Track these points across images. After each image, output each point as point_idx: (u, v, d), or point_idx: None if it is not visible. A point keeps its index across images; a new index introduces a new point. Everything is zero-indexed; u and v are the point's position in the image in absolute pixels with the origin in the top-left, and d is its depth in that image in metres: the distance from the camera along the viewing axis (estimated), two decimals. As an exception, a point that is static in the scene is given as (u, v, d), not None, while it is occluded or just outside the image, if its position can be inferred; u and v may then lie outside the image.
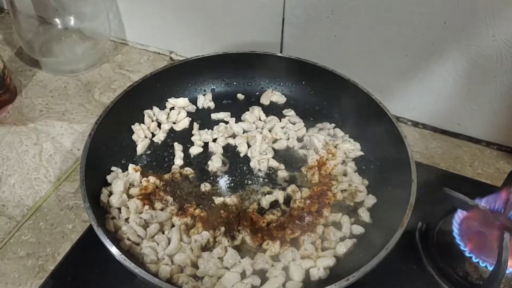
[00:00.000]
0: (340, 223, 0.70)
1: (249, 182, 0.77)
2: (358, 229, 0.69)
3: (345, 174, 0.77)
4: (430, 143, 0.92)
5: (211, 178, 0.78)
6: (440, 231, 0.72)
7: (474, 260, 0.65)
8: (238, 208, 0.72)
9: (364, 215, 0.71)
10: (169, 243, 0.65)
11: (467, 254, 0.65)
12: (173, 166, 0.78)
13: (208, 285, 0.61)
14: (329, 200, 0.72)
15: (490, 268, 0.63)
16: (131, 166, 0.76)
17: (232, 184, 0.77)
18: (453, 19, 0.78)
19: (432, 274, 0.69)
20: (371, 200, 0.73)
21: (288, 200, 0.74)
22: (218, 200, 0.73)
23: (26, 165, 0.86)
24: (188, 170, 0.78)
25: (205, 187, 0.75)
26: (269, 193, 0.75)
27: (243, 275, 0.63)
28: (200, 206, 0.72)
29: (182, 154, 0.80)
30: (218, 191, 0.76)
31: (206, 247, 0.67)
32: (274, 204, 0.74)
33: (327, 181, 0.76)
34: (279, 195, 0.74)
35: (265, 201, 0.73)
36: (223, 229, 0.68)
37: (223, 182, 0.77)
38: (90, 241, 0.61)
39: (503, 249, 0.60)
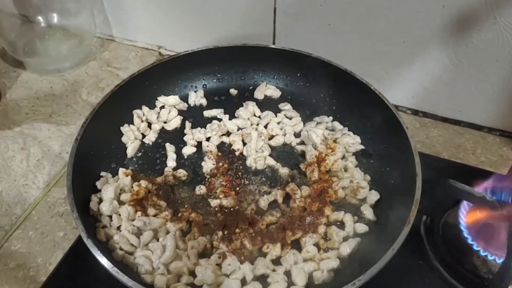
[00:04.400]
0: (343, 222, 0.68)
1: (246, 182, 0.75)
2: (362, 228, 0.67)
3: (345, 170, 0.75)
4: (431, 132, 0.91)
5: (206, 179, 0.75)
6: (445, 224, 0.71)
7: (482, 253, 0.64)
8: (236, 210, 0.70)
9: (368, 213, 0.69)
10: (164, 251, 0.63)
11: (475, 247, 0.64)
12: (166, 169, 0.76)
13: None
14: (330, 198, 0.70)
15: (499, 262, 0.62)
16: (121, 170, 0.74)
17: (228, 185, 0.74)
18: (452, 2, 0.75)
19: (439, 269, 0.68)
20: (374, 196, 0.71)
21: (287, 199, 0.72)
22: (214, 202, 0.70)
23: (13, 171, 0.83)
24: (181, 173, 0.75)
25: (200, 189, 0.73)
26: (267, 193, 0.72)
27: (243, 281, 0.61)
28: (196, 210, 0.70)
29: (174, 156, 0.78)
30: (214, 193, 0.73)
31: (204, 253, 0.64)
32: (273, 205, 0.71)
33: (328, 178, 0.73)
34: (278, 194, 0.71)
35: (264, 202, 0.70)
36: (220, 233, 0.66)
37: (219, 183, 0.74)
38: (83, 249, 0.59)
39: (512, 241, 0.58)
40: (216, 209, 0.70)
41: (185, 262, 0.62)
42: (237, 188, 0.73)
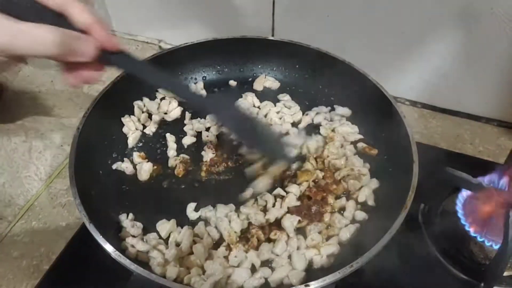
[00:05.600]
0: (345, 208, 0.68)
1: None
2: (362, 215, 0.67)
3: (346, 158, 0.75)
4: (429, 123, 0.91)
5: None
6: (443, 212, 0.72)
7: (479, 239, 0.64)
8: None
9: (368, 199, 0.69)
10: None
11: (472, 234, 0.65)
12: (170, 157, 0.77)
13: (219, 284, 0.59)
14: (331, 187, 0.70)
15: (496, 247, 0.63)
16: (136, 154, 0.75)
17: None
18: (450, -7, 0.76)
19: (437, 256, 0.68)
20: (373, 184, 0.71)
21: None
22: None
23: (16, 163, 0.84)
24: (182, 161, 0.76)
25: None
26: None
27: (252, 269, 0.61)
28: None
29: (175, 145, 0.78)
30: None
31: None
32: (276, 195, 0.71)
33: (328, 167, 0.73)
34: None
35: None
36: None
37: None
38: (85, 239, 0.60)
39: (508, 227, 0.59)
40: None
41: (197, 255, 0.62)
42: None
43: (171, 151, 0.77)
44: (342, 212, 0.69)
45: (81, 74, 0.52)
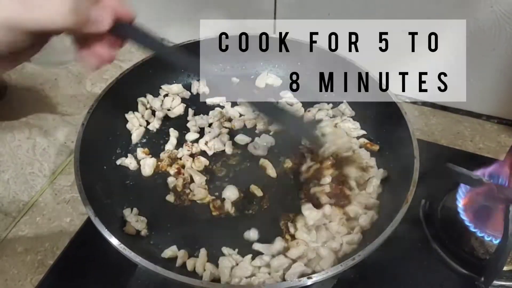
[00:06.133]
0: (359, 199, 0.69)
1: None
2: (374, 202, 0.68)
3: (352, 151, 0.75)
4: (429, 120, 0.92)
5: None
6: (444, 207, 0.72)
7: (479, 234, 0.65)
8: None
9: (377, 190, 0.70)
10: None
11: (472, 229, 0.65)
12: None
13: None
14: (343, 180, 0.71)
15: (496, 242, 0.63)
16: (139, 150, 0.76)
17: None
18: (450, -10, 0.76)
19: (438, 251, 0.69)
20: (381, 174, 0.72)
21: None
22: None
23: (20, 160, 0.85)
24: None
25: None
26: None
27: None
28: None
29: (175, 141, 0.79)
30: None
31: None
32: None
33: (336, 161, 0.73)
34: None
35: None
36: None
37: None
38: (89, 234, 0.61)
39: (508, 222, 0.60)
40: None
41: None
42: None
43: (169, 145, 0.78)
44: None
45: (98, 51, 0.48)
